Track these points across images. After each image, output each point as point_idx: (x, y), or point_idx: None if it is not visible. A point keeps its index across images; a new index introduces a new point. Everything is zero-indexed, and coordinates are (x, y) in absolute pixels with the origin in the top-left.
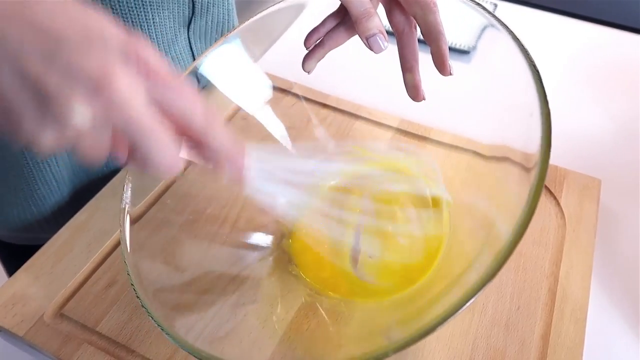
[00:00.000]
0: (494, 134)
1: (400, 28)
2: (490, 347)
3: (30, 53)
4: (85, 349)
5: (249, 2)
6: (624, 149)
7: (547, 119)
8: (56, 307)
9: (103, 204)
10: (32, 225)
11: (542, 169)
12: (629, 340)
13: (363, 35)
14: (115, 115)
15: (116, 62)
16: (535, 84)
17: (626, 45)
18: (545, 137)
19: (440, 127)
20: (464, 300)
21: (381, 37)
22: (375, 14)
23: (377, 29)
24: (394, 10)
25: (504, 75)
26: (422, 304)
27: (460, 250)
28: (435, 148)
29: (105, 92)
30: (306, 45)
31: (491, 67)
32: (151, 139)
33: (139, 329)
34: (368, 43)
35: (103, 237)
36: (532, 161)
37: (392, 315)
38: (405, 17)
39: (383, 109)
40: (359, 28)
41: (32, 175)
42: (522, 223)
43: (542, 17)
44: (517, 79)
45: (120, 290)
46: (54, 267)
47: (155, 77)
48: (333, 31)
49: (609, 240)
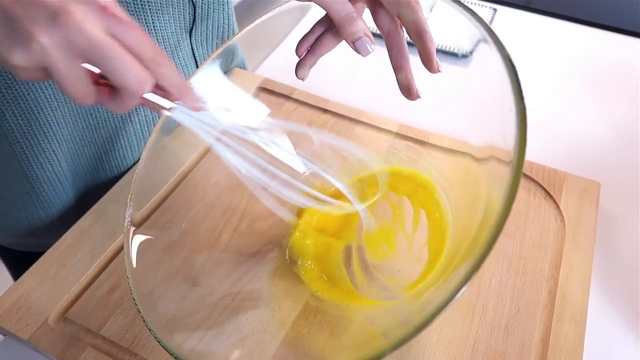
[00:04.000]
0: (487, 137)
1: (386, 29)
2: (491, 349)
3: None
4: (89, 353)
5: (249, 8)
6: (623, 153)
7: (522, 114)
8: (60, 311)
9: (106, 210)
10: (39, 229)
11: (520, 155)
12: (629, 343)
13: (349, 39)
14: (73, 38)
15: (74, 1)
16: (510, 81)
17: (625, 49)
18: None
19: (439, 131)
20: (454, 292)
21: (367, 39)
22: (359, 17)
23: (362, 32)
24: (379, 11)
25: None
26: (418, 303)
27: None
28: (434, 152)
29: (61, 17)
30: (298, 53)
31: (488, 71)
32: (115, 59)
33: (141, 333)
34: (355, 47)
35: (106, 242)
36: (511, 155)
37: (393, 318)
38: (389, 17)
39: (383, 113)
40: (344, 33)
41: (36, 178)
42: (502, 213)
43: (542, 22)
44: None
45: (123, 295)
46: (58, 272)
47: (110, 15)
48: (321, 38)
49: (609, 243)
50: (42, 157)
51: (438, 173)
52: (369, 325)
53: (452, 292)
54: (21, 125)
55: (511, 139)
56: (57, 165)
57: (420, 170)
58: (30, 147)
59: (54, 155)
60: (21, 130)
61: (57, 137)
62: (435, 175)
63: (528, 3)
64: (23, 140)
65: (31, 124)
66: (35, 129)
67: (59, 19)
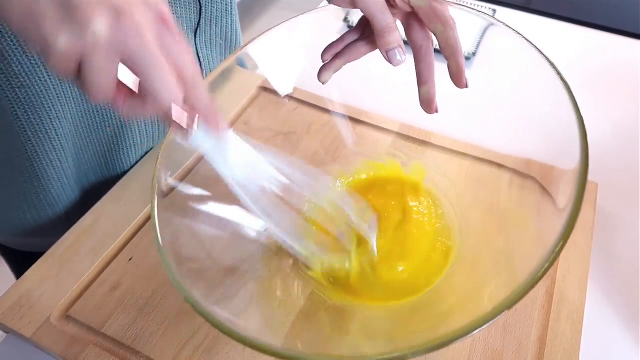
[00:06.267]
0: (497, 140)
1: (418, 43)
2: (488, 348)
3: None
4: (91, 350)
5: (249, 8)
6: (620, 153)
7: (583, 130)
8: (62, 309)
9: (108, 208)
10: (46, 227)
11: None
12: (626, 342)
13: (384, 48)
14: (129, 39)
15: (139, 1)
16: (565, 91)
17: (624, 50)
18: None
19: (441, 131)
20: (482, 322)
21: (400, 50)
22: (396, 28)
23: (397, 43)
24: (414, 26)
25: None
26: (437, 313)
27: (471, 263)
28: (436, 152)
29: (125, 17)
30: (323, 58)
31: (493, 72)
32: (157, 69)
33: (143, 331)
34: (388, 56)
35: (108, 241)
36: (552, 176)
37: (396, 321)
38: (424, 33)
39: (384, 113)
40: (381, 41)
41: (45, 176)
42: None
43: (541, 23)
44: (535, 83)
45: (125, 293)
46: (60, 270)
47: (166, 26)
48: (351, 46)
49: (606, 243)
50: (52, 155)
51: (440, 173)
52: (372, 326)
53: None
54: (33, 123)
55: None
56: (65, 162)
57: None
58: (41, 144)
59: (62, 153)
60: (33, 128)
61: (65, 134)
62: (436, 175)
63: (528, 4)
64: (35, 138)
65: (43, 122)
66: (46, 126)
67: (122, 16)
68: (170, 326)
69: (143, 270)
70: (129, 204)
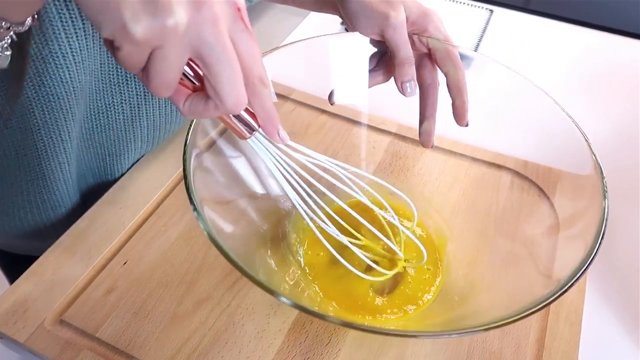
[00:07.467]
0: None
1: (427, 81)
2: (486, 350)
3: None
4: (85, 355)
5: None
6: (620, 153)
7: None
8: (56, 313)
9: (103, 212)
10: (45, 229)
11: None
12: (624, 344)
13: (400, 78)
14: (205, 30)
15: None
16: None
17: (623, 51)
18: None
19: (439, 133)
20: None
21: (413, 83)
22: (414, 63)
23: (412, 76)
24: (426, 65)
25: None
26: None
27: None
28: (433, 153)
29: (205, 7)
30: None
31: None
32: (227, 65)
33: (137, 335)
34: (402, 87)
35: (103, 244)
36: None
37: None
38: (434, 73)
39: (381, 114)
40: (400, 71)
41: (52, 177)
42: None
43: (540, 23)
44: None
45: (119, 297)
46: (54, 274)
47: (240, 19)
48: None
49: (604, 243)
50: (62, 157)
51: (437, 174)
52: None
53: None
54: (48, 123)
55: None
56: (71, 164)
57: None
58: (52, 145)
59: (70, 154)
60: (47, 127)
61: (71, 135)
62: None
63: (526, 4)
64: (47, 137)
65: (57, 122)
66: (60, 127)
67: (202, 6)
68: (165, 330)
69: (137, 274)
70: (124, 207)
